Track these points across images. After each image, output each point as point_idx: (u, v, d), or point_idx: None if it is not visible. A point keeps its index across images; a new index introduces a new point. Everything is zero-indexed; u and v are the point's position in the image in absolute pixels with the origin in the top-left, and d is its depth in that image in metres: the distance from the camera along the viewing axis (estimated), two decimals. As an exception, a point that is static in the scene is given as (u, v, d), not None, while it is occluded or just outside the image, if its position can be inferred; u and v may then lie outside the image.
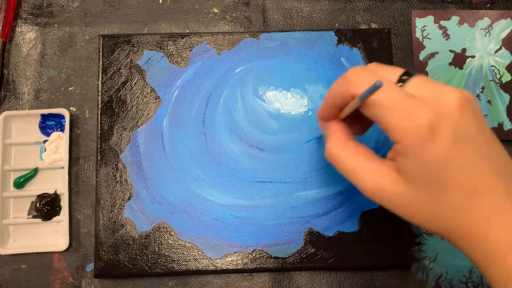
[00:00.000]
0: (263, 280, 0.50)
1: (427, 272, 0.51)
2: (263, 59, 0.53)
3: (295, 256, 0.49)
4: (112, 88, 0.52)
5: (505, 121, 0.54)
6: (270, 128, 0.52)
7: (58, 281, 0.50)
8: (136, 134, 0.52)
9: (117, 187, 0.50)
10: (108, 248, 0.49)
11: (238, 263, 0.49)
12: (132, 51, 0.53)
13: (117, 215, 0.50)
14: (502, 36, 0.56)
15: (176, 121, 0.52)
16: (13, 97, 0.54)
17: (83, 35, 0.55)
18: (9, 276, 0.50)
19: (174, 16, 0.56)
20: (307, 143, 0.52)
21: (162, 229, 0.50)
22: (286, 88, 0.53)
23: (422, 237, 0.51)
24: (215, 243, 0.49)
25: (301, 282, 0.50)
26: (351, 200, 0.50)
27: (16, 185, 0.51)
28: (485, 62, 0.55)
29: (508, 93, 0.54)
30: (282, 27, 0.56)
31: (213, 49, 0.54)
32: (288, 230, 0.50)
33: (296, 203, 0.50)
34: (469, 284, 0.50)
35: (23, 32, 0.55)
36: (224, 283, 0.50)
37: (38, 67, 0.54)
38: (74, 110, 0.54)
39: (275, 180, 0.51)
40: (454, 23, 0.56)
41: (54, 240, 0.51)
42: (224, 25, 0.56)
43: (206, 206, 0.50)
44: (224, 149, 0.51)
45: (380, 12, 0.56)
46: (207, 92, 0.53)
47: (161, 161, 0.51)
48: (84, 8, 0.56)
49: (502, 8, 0.57)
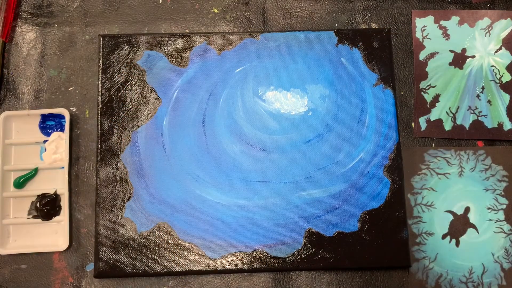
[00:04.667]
0: (263, 280, 0.50)
1: (427, 272, 0.51)
2: (263, 59, 0.53)
3: (295, 256, 0.49)
4: (112, 88, 0.52)
5: (505, 121, 0.54)
6: (270, 128, 0.52)
7: (58, 281, 0.50)
8: (136, 134, 0.52)
9: (117, 187, 0.50)
10: (108, 248, 0.49)
11: (238, 263, 0.49)
12: (132, 51, 0.53)
13: (117, 215, 0.50)
14: (502, 36, 0.56)
15: (176, 121, 0.52)
16: (13, 97, 0.54)
17: (83, 35, 0.55)
18: (9, 276, 0.50)
19: (174, 16, 0.56)
20: (307, 143, 0.52)
21: (162, 229, 0.50)
22: (286, 88, 0.53)
23: (422, 237, 0.51)
24: (215, 243, 0.49)
25: (301, 282, 0.50)
26: (351, 200, 0.50)
27: (16, 185, 0.51)
28: (485, 62, 0.55)
29: (508, 93, 0.54)
30: (282, 27, 0.56)
31: (213, 49, 0.54)
32: (288, 230, 0.50)
33: (296, 203, 0.50)
34: (469, 284, 0.50)
35: (23, 32, 0.55)
36: (224, 283, 0.50)
37: (38, 67, 0.54)
38: (74, 110, 0.54)
39: (275, 180, 0.51)
40: (454, 23, 0.56)
41: (54, 240, 0.51)
42: (224, 25, 0.56)
43: (206, 206, 0.50)
44: (224, 149, 0.51)
45: (380, 12, 0.56)
46: (207, 92, 0.53)
47: (161, 161, 0.51)
48: (84, 8, 0.56)
49: (502, 8, 0.57)
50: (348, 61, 0.54)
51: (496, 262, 0.51)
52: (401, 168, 0.51)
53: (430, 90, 0.54)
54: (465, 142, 0.54)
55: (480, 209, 0.52)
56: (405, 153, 0.53)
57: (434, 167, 0.53)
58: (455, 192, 0.52)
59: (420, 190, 0.52)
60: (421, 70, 0.55)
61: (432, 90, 0.54)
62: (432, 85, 0.55)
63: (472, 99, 0.54)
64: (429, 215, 0.52)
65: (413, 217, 0.52)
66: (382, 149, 0.52)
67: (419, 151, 0.53)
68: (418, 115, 0.54)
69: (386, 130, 0.52)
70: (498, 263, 0.51)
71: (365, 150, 0.52)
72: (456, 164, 0.53)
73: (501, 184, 0.53)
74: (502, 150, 0.53)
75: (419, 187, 0.52)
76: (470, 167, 0.53)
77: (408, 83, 0.55)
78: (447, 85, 0.55)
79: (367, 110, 0.52)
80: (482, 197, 0.52)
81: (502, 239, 0.51)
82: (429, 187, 0.52)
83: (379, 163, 0.51)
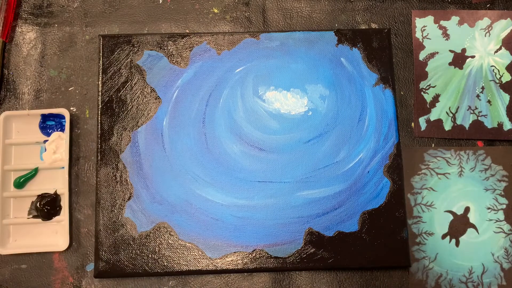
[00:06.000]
0: (263, 280, 0.50)
1: (427, 272, 0.51)
2: (263, 59, 0.53)
3: (295, 256, 0.49)
4: (112, 88, 0.52)
5: (505, 121, 0.54)
6: (270, 128, 0.52)
7: (58, 281, 0.50)
8: (136, 134, 0.52)
9: (117, 187, 0.50)
10: (108, 248, 0.49)
11: (238, 263, 0.49)
12: (132, 51, 0.53)
13: (117, 215, 0.50)
14: (502, 36, 0.56)
15: (176, 121, 0.52)
16: (13, 97, 0.54)
17: (83, 35, 0.55)
18: (9, 276, 0.50)
19: (174, 16, 0.56)
20: (307, 143, 0.52)
21: (162, 229, 0.50)
22: (286, 88, 0.53)
23: (422, 237, 0.51)
24: (215, 243, 0.49)
25: (301, 282, 0.50)
26: (351, 200, 0.50)
27: (16, 185, 0.51)
28: (485, 62, 0.55)
29: (508, 93, 0.54)
30: (282, 27, 0.56)
31: (213, 49, 0.54)
32: (288, 230, 0.50)
33: (296, 203, 0.50)
34: (469, 284, 0.50)
35: (23, 32, 0.55)
36: (224, 283, 0.50)
37: (38, 67, 0.54)
38: (74, 110, 0.54)
39: (275, 180, 0.51)
40: (454, 23, 0.56)
41: (54, 240, 0.51)
42: (224, 25, 0.56)
43: (206, 206, 0.50)
44: (224, 149, 0.51)
45: (380, 12, 0.56)
46: (207, 92, 0.53)
47: (161, 161, 0.51)
48: (84, 8, 0.56)
49: (502, 8, 0.57)
50: (348, 61, 0.54)
51: (496, 262, 0.51)
52: (401, 168, 0.52)
53: (430, 90, 0.54)
54: (465, 142, 0.54)
55: (480, 209, 0.52)
56: (405, 153, 0.53)
57: (434, 167, 0.53)
58: (455, 192, 0.52)
59: (420, 190, 0.52)
60: (421, 70, 0.55)
61: (432, 90, 0.54)
62: (432, 85, 0.55)
63: (472, 99, 0.54)
64: (429, 215, 0.52)
65: (413, 217, 0.52)
66: (382, 149, 0.52)
67: (419, 151, 0.53)
68: (418, 115, 0.54)
69: (386, 130, 0.52)
70: (498, 263, 0.51)
71: (365, 150, 0.52)
72: (456, 164, 0.53)
73: (501, 184, 0.53)
74: (502, 150, 0.53)
75: (419, 187, 0.52)
76: (470, 167, 0.53)
77: (408, 83, 0.55)
78: (447, 85, 0.55)
79: (367, 110, 0.52)
80: (482, 197, 0.52)
81: (502, 239, 0.51)
82: (429, 187, 0.52)
83: (379, 163, 0.51)
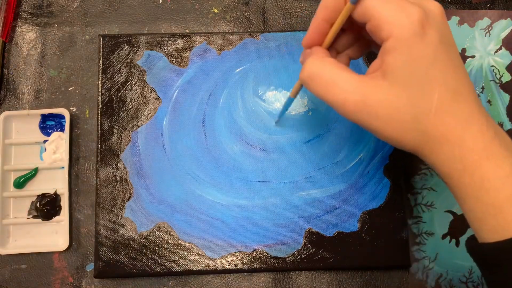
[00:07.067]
0: (263, 280, 0.50)
1: (427, 272, 0.51)
2: (263, 59, 0.53)
3: (295, 256, 0.49)
4: (112, 88, 0.52)
5: (505, 121, 0.54)
6: (270, 128, 0.52)
7: (58, 281, 0.50)
8: (136, 134, 0.52)
9: (117, 187, 0.50)
10: (108, 248, 0.49)
11: (238, 263, 0.49)
12: (132, 51, 0.53)
13: (117, 215, 0.50)
14: (502, 36, 0.56)
15: (176, 121, 0.52)
16: (13, 97, 0.54)
17: (83, 35, 0.55)
18: (9, 276, 0.50)
19: (174, 16, 0.56)
20: (307, 143, 0.52)
21: (162, 229, 0.50)
22: (286, 88, 0.53)
23: (422, 237, 0.51)
24: (215, 243, 0.49)
25: (301, 282, 0.50)
26: (351, 200, 0.50)
27: (16, 185, 0.51)
28: (485, 62, 0.55)
29: (508, 93, 0.54)
30: (282, 27, 0.56)
31: (213, 49, 0.54)
32: (288, 230, 0.50)
33: (296, 203, 0.50)
34: (469, 284, 0.50)
35: (23, 32, 0.55)
36: (224, 283, 0.50)
37: (38, 67, 0.54)
38: (74, 110, 0.54)
39: (275, 180, 0.51)
40: (454, 23, 0.56)
41: (54, 240, 0.51)
42: (224, 25, 0.56)
43: (206, 206, 0.50)
44: (224, 149, 0.51)
45: (380, 12, 0.56)
46: (207, 92, 0.53)
47: (161, 161, 0.51)
48: (84, 8, 0.56)
49: (502, 8, 0.57)
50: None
51: (496, 262, 0.51)
52: (401, 168, 0.51)
53: (430, 90, 0.54)
54: (465, 142, 0.54)
55: (480, 209, 0.52)
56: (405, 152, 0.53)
57: (434, 167, 0.53)
58: (455, 192, 0.52)
59: (420, 190, 0.52)
60: (421, 70, 0.55)
61: (432, 90, 0.54)
62: (432, 85, 0.55)
63: (472, 99, 0.54)
64: (429, 215, 0.52)
65: (413, 217, 0.52)
66: (382, 149, 0.52)
67: (419, 151, 0.53)
68: (418, 115, 0.54)
69: (386, 130, 0.52)
70: (498, 263, 0.51)
71: (365, 150, 0.52)
72: (456, 164, 0.53)
73: (501, 184, 0.53)
74: (502, 150, 0.53)
75: (419, 187, 0.52)
76: (470, 167, 0.53)
77: (408, 83, 0.55)
78: (447, 85, 0.54)
79: (367, 110, 0.52)
80: (482, 197, 0.52)
81: (502, 239, 0.51)
82: (429, 187, 0.52)
83: (379, 163, 0.51)
